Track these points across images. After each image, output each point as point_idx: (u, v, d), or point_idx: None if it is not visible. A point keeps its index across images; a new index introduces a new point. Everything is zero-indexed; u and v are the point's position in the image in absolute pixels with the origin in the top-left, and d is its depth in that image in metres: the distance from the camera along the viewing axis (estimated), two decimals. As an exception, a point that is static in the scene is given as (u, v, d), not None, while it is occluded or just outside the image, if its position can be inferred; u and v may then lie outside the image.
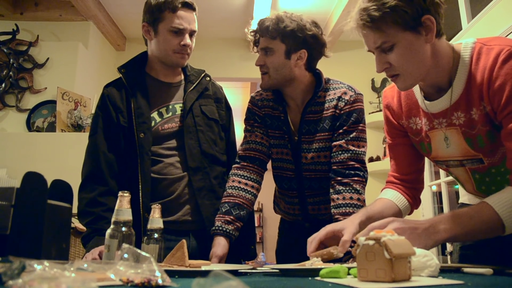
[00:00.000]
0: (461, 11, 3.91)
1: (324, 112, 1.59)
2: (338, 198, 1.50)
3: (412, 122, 1.29)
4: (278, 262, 1.76)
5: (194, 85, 1.73)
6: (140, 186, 1.55)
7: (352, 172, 1.52)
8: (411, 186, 1.36)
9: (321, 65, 1.65)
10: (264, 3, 4.16)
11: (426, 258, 0.83)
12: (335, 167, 1.55)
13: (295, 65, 1.57)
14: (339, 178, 1.52)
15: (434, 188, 4.45)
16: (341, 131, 1.56)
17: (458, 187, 1.42)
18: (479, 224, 1.01)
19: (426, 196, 4.28)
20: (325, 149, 1.59)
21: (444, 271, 0.93)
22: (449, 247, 3.94)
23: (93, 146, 1.62)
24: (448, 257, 3.89)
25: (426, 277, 0.80)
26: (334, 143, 1.57)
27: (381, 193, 1.39)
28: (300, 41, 1.55)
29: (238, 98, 6.63)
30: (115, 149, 1.61)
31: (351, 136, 1.55)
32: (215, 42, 4.90)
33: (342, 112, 1.57)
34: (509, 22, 3.16)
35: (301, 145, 1.62)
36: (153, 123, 1.63)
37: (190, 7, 1.65)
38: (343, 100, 1.58)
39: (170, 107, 1.69)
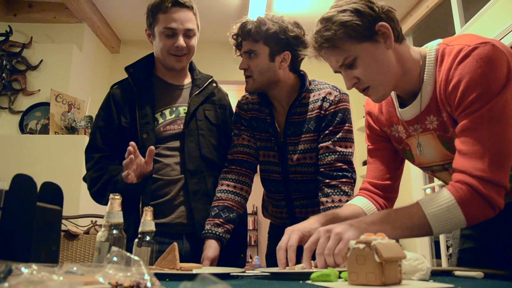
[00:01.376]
0: (454, 15, 3.94)
1: (309, 113, 1.59)
2: (327, 201, 1.49)
3: (394, 130, 1.29)
4: (268, 266, 1.75)
5: (200, 89, 1.73)
6: None
7: (340, 173, 1.52)
8: (385, 195, 1.34)
9: (316, 68, 1.65)
10: (259, 6, 4.17)
11: (417, 262, 0.82)
12: (322, 169, 1.54)
13: (280, 67, 1.57)
14: (327, 181, 1.52)
15: (429, 191, 4.46)
16: (327, 132, 1.56)
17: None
18: (404, 220, 1.01)
19: (420, 200, 4.28)
20: (310, 150, 1.58)
21: (435, 275, 0.93)
22: (443, 247, 3.95)
23: (91, 146, 1.65)
24: (443, 260, 3.89)
25: (417, 281, 0.80)
26: (321, 144, 1.56)
27: (352, 200, 1.38)
28: (283, 43, 1.55)
29: (232, 102, 6.64)
30: (111, 147, 1.63)
31: (337, 137, 1.55)
32: (209, 45, 4.90)
33: (327, 112, 1.57)
34: (502, 26, 3.18)
35: (287, 146, 1.61)
36: (155, 124, 1.64)
37: (182, 5, 1.62)
38: (328, 101, 1.57)
39: (174, 109, 1.68)
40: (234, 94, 6.57)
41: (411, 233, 1.01)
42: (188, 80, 1.79)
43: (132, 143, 1.40)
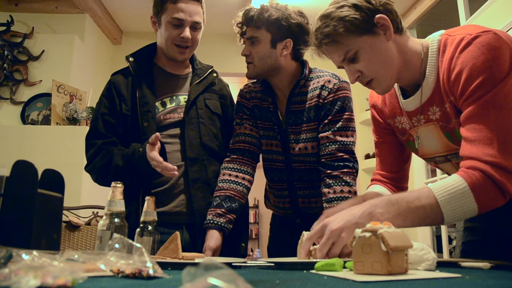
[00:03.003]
0: (460, 8, 3.90)
1: (308, 102, 1.58)
2: (329, 192, 1.49)
3: (398, 122, 1.28)
4: (269, 257, 1.74)
5: (201, 79, 1.73)
6: None
7: (341, 163, 1.51)
8: (397, 184, 1.36)
9: (319, 60, 1.63)
10: (262, -2, 4.14)
11: (423, 252, 0.81)
12: (323, 159, 1.53)
13: (281, 54, 1.56)
14: (328, 171, 1.51)
15: (430, 185, 4.45)
16: (326, 121, 1.55)
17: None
18: (416, 210, 0.96)
19: (422, 194, 4.27)
20: (312, 139, 1.57)
21: (441, 265, 0.92)
22: (445, 240, 3.94)
23: (93, 132, 1.63)
24: (445, 253, 3.89)
25: (423, 271, 0.79)
26: (321, 134, 1.55)
27: (369, 188, 1.38)
28: (285, 30, 1.54)
29: (234, 94, 6.62)
30: (113, 134, 1.61)
31: (337, 126, 1.54)
32: (212, 37, 4.87)
33: (325, 101, 1.56)
34: (508, 19, 3.15)
35: (289, 135, 1.60)
36: (155, 112, 1.63)
37: None
38: (327, 89, 1.56)
39: (174, 97, 1.68)
40: (236, 86, 6.52)
41: (422, 222, 0.98)
42: (188, 70, 1.78)
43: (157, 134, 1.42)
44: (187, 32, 1.62)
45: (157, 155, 1.41)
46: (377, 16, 1.08)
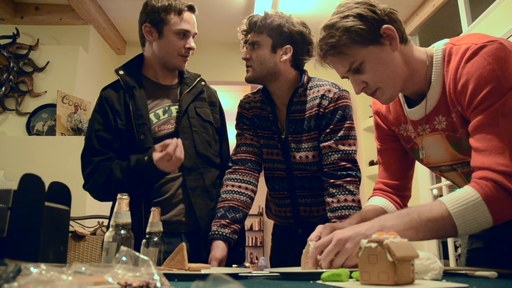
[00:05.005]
0: (461, 14, 3.91)
1: (308, 111, 1.59)
2: (332, 201, 1.49)
3: (402, 129, 1.28)
4: (272, 267, 1.74)
5: (190, 88, 1.73)
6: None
7: (344, 172, 1.51)
8: (399, 193, 1.34)
9: (321, 68, 1.64)
10: (264, 7, 4.16)
11: (429, 261, 0.81)
12: (326, 169, 1.54)
13: (280, 60, 1.58)
14: (331, 181, 1.51)
15: (435, 191, 4.43)
16: (328, 130, 1.55)
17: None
18: (428, 222, 0.94)
19: (427, 200, 4.26)
20: (313, 148, 1.58)
21: (447, 274, 0.92)
22: (451, 247, 3.92)
23: (88, 150, 1.61)
24: (451, 260, 3.86)
25: (430, 280, 0.78)
26: (323, 144, 1.55)
27: (369, 200, 1.37)
28: (286, 36, 1.56)
29: (236, 103, 6.64)
30: (110, 150, 1.60)
31: (339, 135, 1.54)
32: (215, 46, 4.91)
33: (326, 110, 1.56)
34: (509, 25, 3.16)
35: (289, 144, 1.61)
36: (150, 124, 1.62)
37: (193, 10, 1.67)
38: (327, 98, 1.57)
39: (167, 108, 1.68)
40: (239, 95, 6.57)
41: (434, 235, 0.96)
42: (176, 80, 1.79)
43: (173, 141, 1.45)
44: (192, 43, 1.66)
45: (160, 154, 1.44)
46: (384, 26, 1.07)
